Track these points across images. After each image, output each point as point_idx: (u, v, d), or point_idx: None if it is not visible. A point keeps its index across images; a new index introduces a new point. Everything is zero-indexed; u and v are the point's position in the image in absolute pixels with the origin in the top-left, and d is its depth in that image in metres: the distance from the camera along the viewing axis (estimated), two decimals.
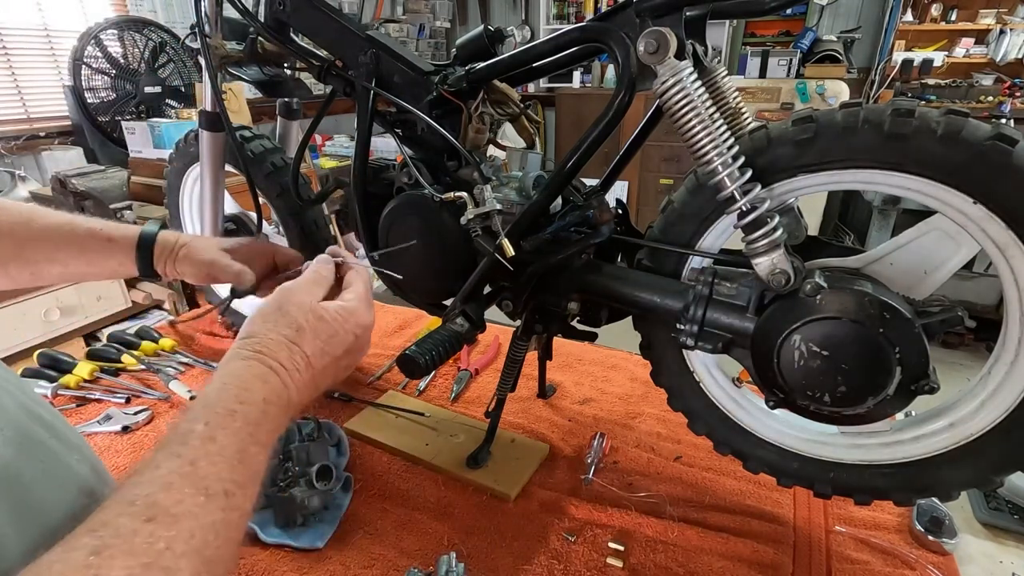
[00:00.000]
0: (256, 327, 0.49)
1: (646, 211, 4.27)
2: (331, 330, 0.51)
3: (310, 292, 0.53)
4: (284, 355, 0.47)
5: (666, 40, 0.60)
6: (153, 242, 0.76)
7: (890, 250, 0.61)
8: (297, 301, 0.51)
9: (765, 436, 0.74)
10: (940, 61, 3.98)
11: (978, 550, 0.78)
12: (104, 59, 2.58)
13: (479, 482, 0.87)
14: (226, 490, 0.37)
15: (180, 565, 0.32)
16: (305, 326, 0.49)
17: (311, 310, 0.51)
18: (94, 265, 0.75)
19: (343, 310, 0.53)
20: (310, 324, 0.50)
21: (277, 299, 0.51)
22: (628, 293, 0.73)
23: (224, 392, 0.42)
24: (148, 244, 0.75)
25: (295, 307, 0.51)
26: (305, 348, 0.48)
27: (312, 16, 0.87)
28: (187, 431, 0.38)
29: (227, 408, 0.41)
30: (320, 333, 0.50)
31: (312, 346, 0.49)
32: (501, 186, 0.83)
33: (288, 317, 0.50)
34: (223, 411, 0.41)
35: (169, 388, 1.07)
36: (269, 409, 0.43)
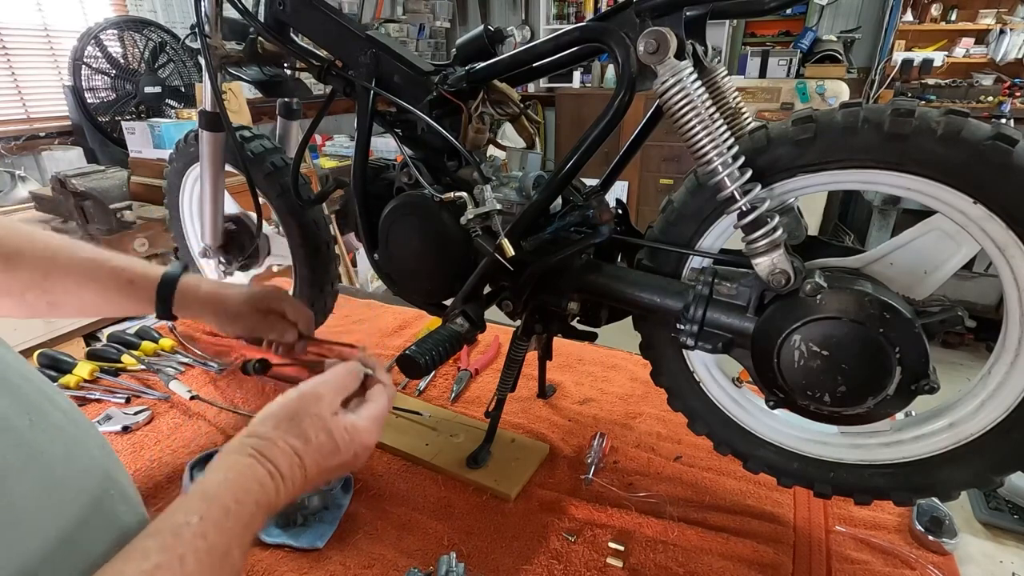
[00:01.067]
0: (268, 429, 0.51)
1: (646, 211, 4.27)
2: (334, 447, 0.53)
3: (330, 404, 0.55)
4: (285, 465, 0.49)
5: (666, 40, 0.60)
6: (173, 288, 0.78)
7: (890, 250, 0.61)
8: (313, 412, 0.53)
9: (765, 436, 0.74)
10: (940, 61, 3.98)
11: (978, 550, 0.78)
12: (104, 59, 2.58)
13: (479, 482, 0.87)
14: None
15: None
16: (313, 440, 0.51)
17: (323, 426, 0.53)
18: (112, 304, 0.77)
19: (352, 429, 0.55)
20: (318, 440, 0.52)
21: (295, 405, 0.53)
22: (628, 293, 0.73)
23: (223, 487, 0.44)
24: (168, 290, 0.78)
25: (309, 419, 0.52)
26: (307, 461, 0.50)
27: (312, 16, 0.87)
28: (183, 523, 0.40)
29: (223, 506, 0.43)
30: (324, 449, 0.52)
31: (313, 459, 0.51)
32: (501, 186, 0.83)
33: (299, 428, 0.51)
34: (218, 509, 0.42)
35: (169, 388, 1.07)
36: (258, 512, 0.45)
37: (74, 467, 0.41)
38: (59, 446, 0.41)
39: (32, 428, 0.39)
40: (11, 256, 0.68)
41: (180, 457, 0.91)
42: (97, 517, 0.41)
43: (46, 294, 0.71)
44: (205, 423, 1.00)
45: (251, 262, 1.22)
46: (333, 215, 1.05)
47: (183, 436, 0.96)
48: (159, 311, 0.78)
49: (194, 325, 1.36)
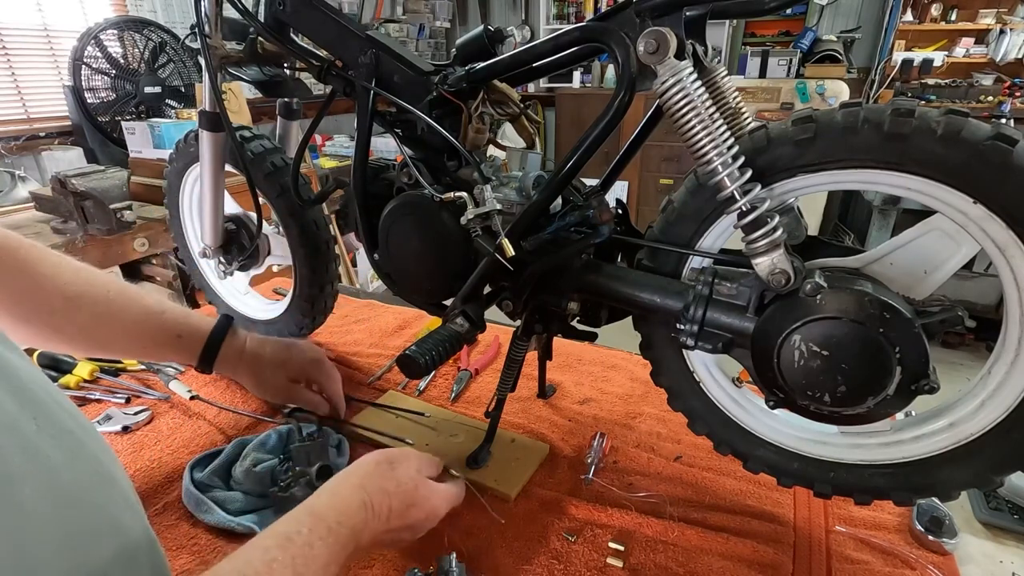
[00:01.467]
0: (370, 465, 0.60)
1: (646, 211, 4.27)
2: (414, 501, 0.60)
3: (420, 467, 0.64)
4: (378, 500, 0.56)
5: (666, 40, 0.60)
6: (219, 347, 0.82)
7: (890, 250, 0.61)
8: (408, 465, 0.62)
9: (765, 436, 0.74)
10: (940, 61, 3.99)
11: (978, 550, 0.78)
12: (104, 59, 2.58)
13: (479, 482, 0.87)
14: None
15: None
16: (399, 489, 0.59)
17: (411, 479, 0.61)
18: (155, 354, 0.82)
19: (432, 493, 0.63)
20: (405, 488, 0.60)
21: (395, 454, 0.62)
22: (628, 293, 0.73)
23: (329, 508, 0.52)
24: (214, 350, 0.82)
25: (404, 469, 0.61)
26: (393, 503, 0.57)
27: (312, 16, 0.87)
28: (294, 532, 0.47)
29: (327, 524, 0.50)
30: (407, 499, 0.59)
31: (397, 503, 0.58)
32: (501, 186, 0.83)
33: (394, 474, 0.60)
34: (323, 526, 0.50)
35: (169, 388, 1.07)
36: (351, 538, 0.52)
37: (80, 472, 0.41)
38: (65, 451, 0.40)
39: (39, 432, 0.39)
40: (72, 299, 0.71)
41: (180, 457, 0.91)
42: (103, 524, 0.40)
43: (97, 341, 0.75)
44: (205, 423, 1.00)
45: (251, 262, 1.22)
46: (333, 215, 1.05)
47: (183, 436, 0.96)
48: (200, 367, 0.82)
49: None
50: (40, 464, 0.37)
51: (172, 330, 0.79)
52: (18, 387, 0.39)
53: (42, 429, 0.39)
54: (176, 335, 0.79)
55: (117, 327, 0.75)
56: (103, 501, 0.41)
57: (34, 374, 0.43)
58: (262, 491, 0.81)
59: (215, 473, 0.84)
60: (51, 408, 0.42)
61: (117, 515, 0.42)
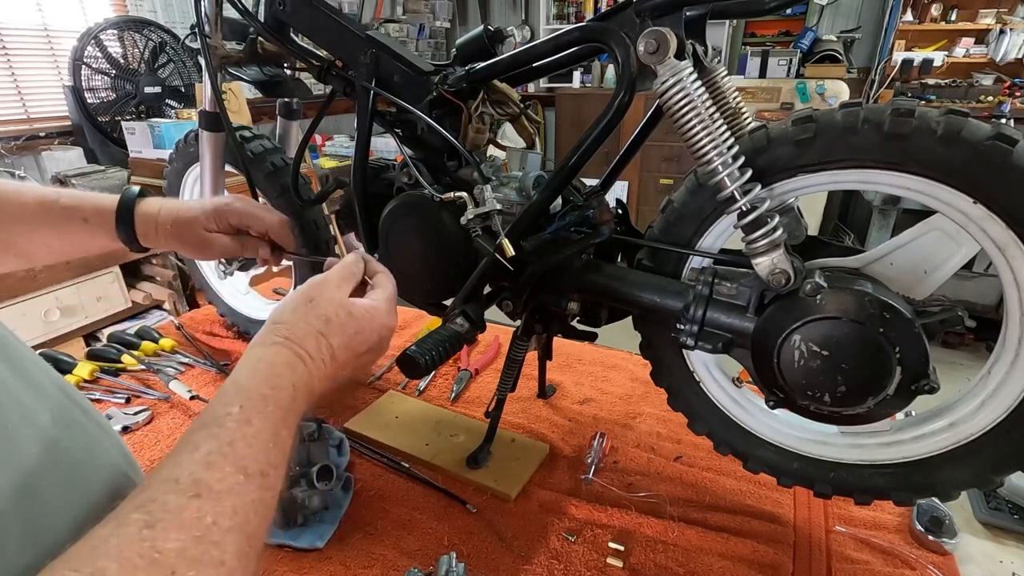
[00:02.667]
0: (286, 315, 0.50)
1: (646, 211, 4.27)
2: (357, 327, 0.52)
3: (339, 287, 0.55)
4: (311, 345, 0.48)
5: (666, 40, 0.60)
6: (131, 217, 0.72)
7: (890, 250, 0.61)
8: (328, 295, 0.53)
9: (765, 436, 0.74)
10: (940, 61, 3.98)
11: (978, 550, 0.78)
12: (104, 59, 2.58)
13: (479, 482, 0.87)
14: (262, 470, 0.39)
15: (226, 539, 0.33)
16: (334, 319, 0.51)
17: (340, 305, 0.53)
18: (78, 245, 0.74)
19: (371, 309, 0.55)
20: (339, 318, 0.51)
21: (307, 291, 0.53)
22: (628, 293, 0.73)
23: (255, 376, 0.44)
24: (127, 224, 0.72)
25: (325, 301, 0.52)
26: (332, 341, 0.50)
27: (312, 16, 0.87)
28: (223, 414, 0.40)
29: (260, 393, 0.43)
30: (347, 328, 0.52)
31: (339, 339, 0.50)
32: (501, 186, 0.83)
33: (318, 309, 0.51)
34: (256, 396, 0.42)
35: (169, 388, 1.07)
36: (297, 395, 0.45)
37: (96, 465, 0.41)
38: (81, 444, 0.41)
39: (55, 424, 0.39)
40: None
41: None
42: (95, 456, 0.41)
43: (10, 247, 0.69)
44: None
45: (251, 262, 1.22)
46: (333, 215, 1.04)
47: None
48: (128, 245, 0.73)
49: (196, 326, 1.36)
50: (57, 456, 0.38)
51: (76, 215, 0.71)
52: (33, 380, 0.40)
53: (57, 421, 0.39)
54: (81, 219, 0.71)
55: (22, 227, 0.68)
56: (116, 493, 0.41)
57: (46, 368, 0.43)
58: None
59: None
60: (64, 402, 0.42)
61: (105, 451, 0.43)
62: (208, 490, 0.34)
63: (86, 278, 2.05)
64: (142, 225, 0.73)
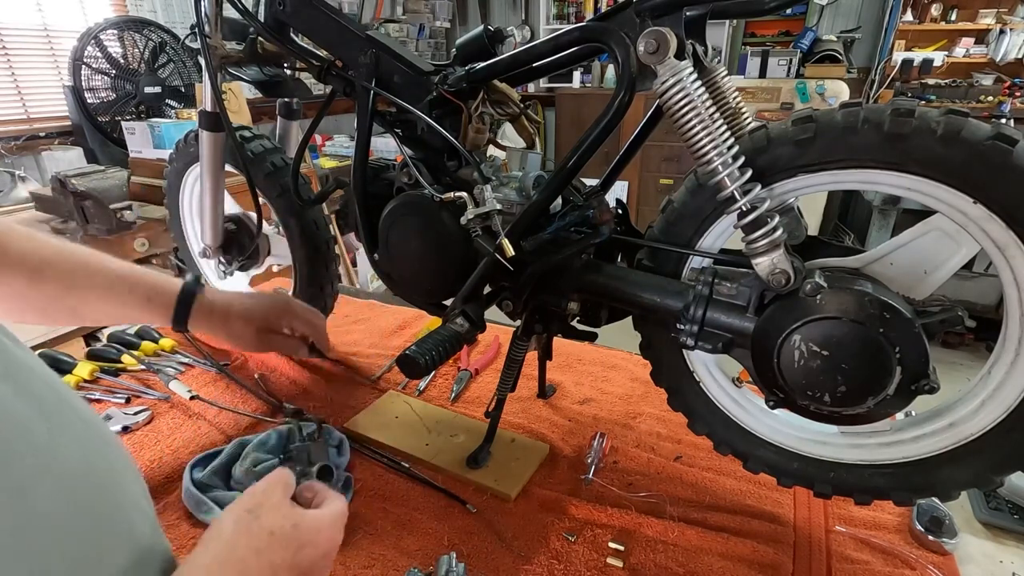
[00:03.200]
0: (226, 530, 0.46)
1: (646, 211, 4.27)
2: (299, 543, 0.48)
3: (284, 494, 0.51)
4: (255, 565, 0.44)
5: (666, 40, 0.60)
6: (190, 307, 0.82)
7: (890, 250, 0.61)
8: (272, 504, 0.48)
9: (765, 436, 0.74)
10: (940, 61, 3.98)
11: (978, 550, 0.78)
12: (104, 59, 2.58)
13: (479, 482, 0.87)
14: None
15: None
16: (274, 541, 0.46)
17: (283, 519, 0.48)
18: (132, 318, 0.82)
19: (314, 523, 0.50)
20: (280, 537, 0.46)
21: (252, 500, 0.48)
22: (628, 293, 0.73)
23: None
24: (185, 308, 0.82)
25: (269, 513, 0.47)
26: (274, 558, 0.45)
27: (312, 16, 0.87)
28: None
29: None
30: (288, 547, 0.47)
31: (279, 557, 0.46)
32: (501, 186, 0.83)
33: (260, 524, 0.46)
34: None
35: (169, 388, 1.07)
36: None
37: (93, 477, 0.40)
38: (77, 455, 0.39)
39: (51, 434, 0.38)
40: (37, 270, 0.70)
41: (180, 457, 0.91)
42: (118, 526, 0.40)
43: (69, 308, 0.74)
44: (205, 423, 1.00)
45: (251, 262, 1.22)
46: (333, 215, 1.05)
47: (183, 436, 0.96)
48: (175, 326, 0.82)
49: None
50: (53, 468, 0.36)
51: (142, 293, 0.79)
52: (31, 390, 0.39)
53: (54, 431, 0.38)
54: (146, 298, 0.79)
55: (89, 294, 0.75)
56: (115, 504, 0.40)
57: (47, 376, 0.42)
58: None
59: (215, 473, 0.84)
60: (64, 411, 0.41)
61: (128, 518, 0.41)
62: None
63: None
64: (196, 312, 0.82)
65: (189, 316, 0.82)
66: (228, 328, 0.87)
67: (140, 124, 2.37)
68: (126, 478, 0.44)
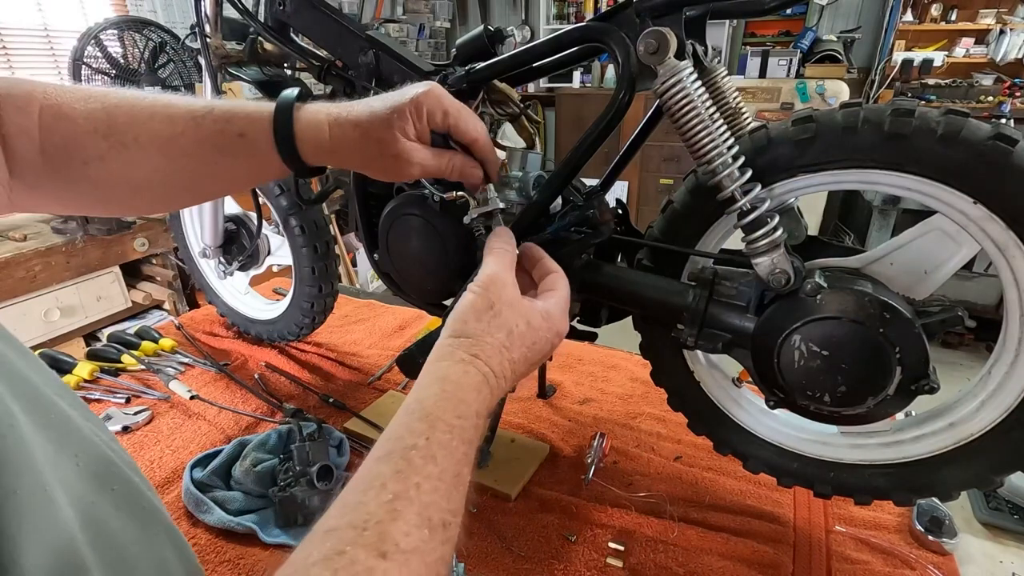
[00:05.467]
0: (471, 327, 0.46)
1: (646, 211, 4.27)
2: (535, 337, 0.49)
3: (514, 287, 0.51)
4: (496, 362, 0.45)
5: (666, 40, 0.60)
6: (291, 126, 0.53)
7: (890, 250, 0.61)
8: (507, 300, 0.49)
9: (765, 436, 0.74)
10: (940, 61, 3.98)
11: (978, 550, 0.78)
12: (104, 59, 2.57)
13: (479, 482, 0.87)
14: (444, 521, 0.36)
15: None
16: (515, 331, 0.47)
17: (520, 314, 0.49)
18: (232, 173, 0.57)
19: (547, 316, 0.51)
20: (519, 330, 0.48)
21: (486, 295, 0.48)
22: (628, 293, 0.73)
23: (443, 402, 0.41)
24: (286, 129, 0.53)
25: (507, 308, 0.48)
26: (514, 355, 0.47)
27: (312, 16, 0.87)
28: (410, 445, 0.37)
29: (447, 423, 0.39)
30: (526, 339, 0.48)
31: (519, 353, 0.47)
32: (502, 186, 0.83)
33: (501, 318, 0.47)
34: (443, 426, 0.39)
35: (169, 388, 1.07)
36: (479, 423, 0.42)
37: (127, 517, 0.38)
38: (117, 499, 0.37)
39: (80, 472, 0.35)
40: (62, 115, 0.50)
41: (180, 457, 0.91)
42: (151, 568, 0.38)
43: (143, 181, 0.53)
44: (205, 423, 1.00)
45: (251, 262, 1.22)
46: (333, 215, 1.04)
47: (183, 436, 0.96)
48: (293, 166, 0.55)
49: (196, 326, 1.36)
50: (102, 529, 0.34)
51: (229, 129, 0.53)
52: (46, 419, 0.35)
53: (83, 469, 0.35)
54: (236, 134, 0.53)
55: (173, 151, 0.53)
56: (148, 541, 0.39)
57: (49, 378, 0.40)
58: (262, 491, 0.81)
59: (215, 473, 0.84)
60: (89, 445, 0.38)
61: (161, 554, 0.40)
62: (395, 548, 0.32)
63: (86, 278, 2.05)
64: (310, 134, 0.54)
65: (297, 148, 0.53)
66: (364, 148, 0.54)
67: None
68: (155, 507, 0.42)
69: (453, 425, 0.40)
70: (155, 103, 0.53)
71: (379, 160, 0.55)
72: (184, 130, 0.52)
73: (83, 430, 0.37)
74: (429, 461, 0.37)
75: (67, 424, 0.35)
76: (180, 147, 0.53)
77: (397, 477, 0.35)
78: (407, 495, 0.35)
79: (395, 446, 0.38)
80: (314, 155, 0.54)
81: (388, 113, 0.52)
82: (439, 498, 0.36)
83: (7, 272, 1.81)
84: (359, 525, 0.32)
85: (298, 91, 0.54)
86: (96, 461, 0.36)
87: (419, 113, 0.53)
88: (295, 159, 0.54)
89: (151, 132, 0.52)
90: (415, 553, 0.33)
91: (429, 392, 0.42)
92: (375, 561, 0.31)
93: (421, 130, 0.54)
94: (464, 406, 0.41)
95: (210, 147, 0.53)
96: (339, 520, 0.33)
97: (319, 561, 0.30)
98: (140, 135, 0.52)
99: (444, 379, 0.43)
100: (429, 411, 0.40)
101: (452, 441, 0.39)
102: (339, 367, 1.20)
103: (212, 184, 0.59)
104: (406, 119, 0.52)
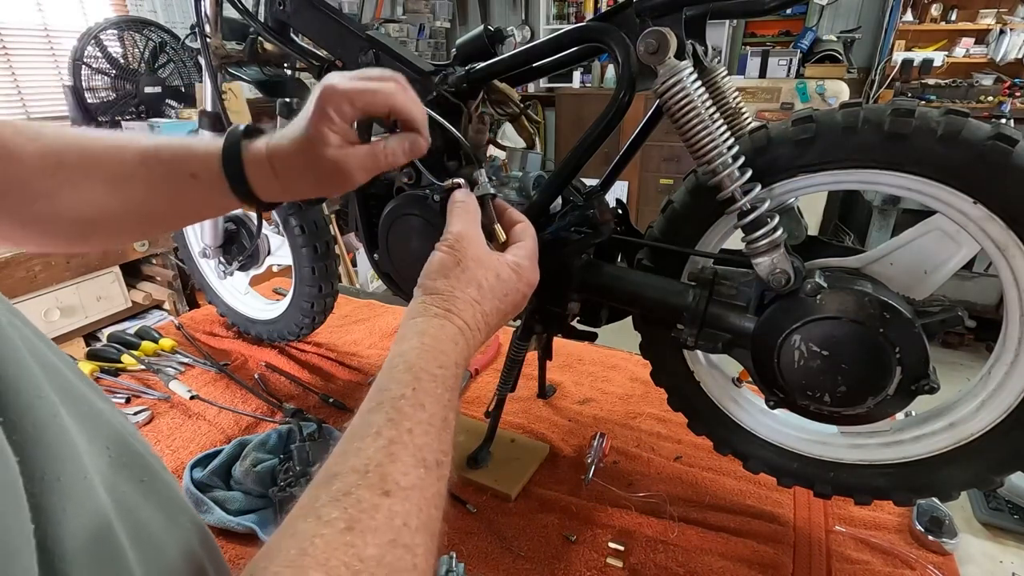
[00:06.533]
0: (440, 283, 0.49)
1: (646, 211, 4.27)
2: (506, 288, 0.51)
3: (482, 242, 0.53)
4: (469, 315, 0.47)
5: (666, 40, 0.60)
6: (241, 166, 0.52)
7: (890, 250, 0.61)
8: (474, 255, 0.51)
9: (765, 436, 0.74)
10: (940, 61, 3.98)
11: (978, 550, 0.78)
12: (104, 59, 2.57)
13: (479, 482, 0.87)
14: (438, 460, 0.38)
15: (416, 541, 0.33)
16: (484, 285, 0.50)
17: (489, 267, 0.51)
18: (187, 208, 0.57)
19: (517, 268, 0.53)
20: (488, 283, 0.50)
21: (455, 253, 0.51)
22: (628, 293, 0.73)
23: (424, 354, 0.43)
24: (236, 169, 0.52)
25: (474, 263, 0.50)
26: (486, 307, 0.49)
27: (312, 16, 0.87)
28: (398, 395, 0.39)
29: (429, 373, 0.42)
30: (497, 292, 0.50)
31: (490, 305, 0.50)
32: (501, 186, 0.83)
33: (468, 273, 0.49)
34: (426, 376, 0.42)
35: (169, 388, 1.07)
36: (459, 372, 0.45)
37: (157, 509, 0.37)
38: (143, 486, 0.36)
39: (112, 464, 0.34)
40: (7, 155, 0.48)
41: (180, 457, 0.91)
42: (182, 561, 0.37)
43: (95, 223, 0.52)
44: (205, 423, 1.00)
45: (251, 262, 1.22)
46: (333, 215, 1.04)
47: (183, 436, 0.96)
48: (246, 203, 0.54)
49: (196, 326, 1.36)
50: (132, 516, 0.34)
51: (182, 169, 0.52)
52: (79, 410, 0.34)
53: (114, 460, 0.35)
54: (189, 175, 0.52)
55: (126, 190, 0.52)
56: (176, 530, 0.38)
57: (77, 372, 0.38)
58: (262, 491, 0.81)
59: (215, 473, 0.84)
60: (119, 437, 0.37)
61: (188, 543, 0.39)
62: (396, 486, 0.34)
63: (86, 278, 2.05)
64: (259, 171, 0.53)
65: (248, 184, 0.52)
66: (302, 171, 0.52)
67: (140, 124, 2.37)
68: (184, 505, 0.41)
69: (435, 375, 0.42)
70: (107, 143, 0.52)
71: (326, 178, 0.53)
72: (135, 172, 0.52)
73: (112, 423, 0.37)
74: (418, 408, 0.39)
75: (99, 416, 0.36)
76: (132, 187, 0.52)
77: (390, 424, 0.37)
78: (401, 440, 0.37)
79: (384, 397, 0.39)
80: (266, 192, 0.54)
81: (305, 130, 0.50)
82: (431, 440, 0.38)
83: (7, 272, 1.81)
84: (360, 469, 0.34)
85: (245, 127, 0.53)
86: (126, 453, 0.37)
87: (328, 117, 0.50)
88: (250, 197, 0.53)
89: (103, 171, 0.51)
90: (414, 489, 0.35)
91: (410, 346, 0.44)
92: (380, 499, 0.33)
93: (342, 131, 0.51)
94: (444, 356, 0.44)
95: (163, 187, 0.53)
96: (341, 466, 0.35)
97: (328, 503, 0.32)
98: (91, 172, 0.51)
99: (423, 333, 0.45)
100: (412, 363, 0.42)
101: (437, 389, 0.41)
102: (339, 367, 1.20)
103: (172, 219, 0.60)
104: (320, 129, 0.50)
